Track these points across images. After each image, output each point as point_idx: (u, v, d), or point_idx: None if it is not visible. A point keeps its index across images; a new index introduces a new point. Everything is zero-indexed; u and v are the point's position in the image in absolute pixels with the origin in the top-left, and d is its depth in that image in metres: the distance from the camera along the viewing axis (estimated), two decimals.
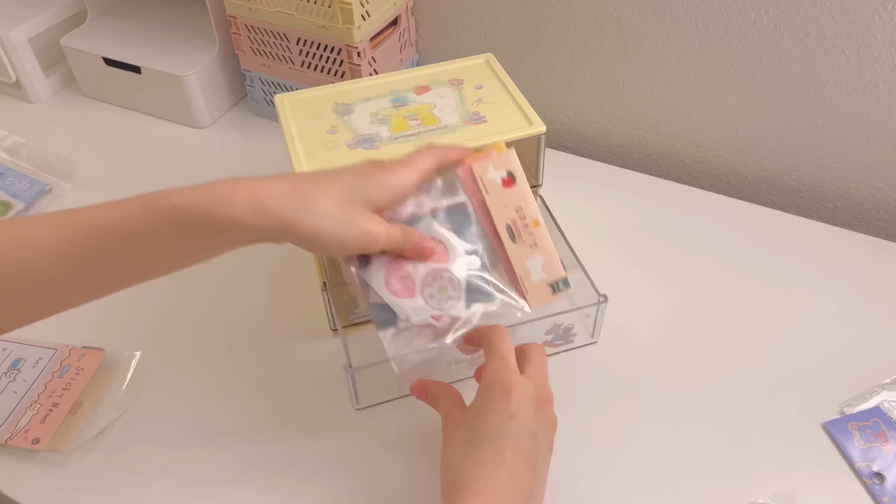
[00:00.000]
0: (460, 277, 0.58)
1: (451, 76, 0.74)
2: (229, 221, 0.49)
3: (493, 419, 0.53)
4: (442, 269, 0.58)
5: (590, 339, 0.66)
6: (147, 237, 0.50)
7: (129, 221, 0.49)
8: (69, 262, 0.49)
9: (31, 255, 0.49)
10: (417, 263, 0.58)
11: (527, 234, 0.60)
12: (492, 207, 0.60)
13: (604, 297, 0.62)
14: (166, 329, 0.78)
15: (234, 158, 1.02)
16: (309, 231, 0.50)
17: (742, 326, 0.76)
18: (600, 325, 0.65)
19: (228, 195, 0.49)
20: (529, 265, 0.59)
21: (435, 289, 0.58)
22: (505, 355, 0.56)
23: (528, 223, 0.60)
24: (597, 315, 0.64)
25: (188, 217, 0.49)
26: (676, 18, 0.87)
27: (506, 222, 0.60)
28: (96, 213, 0.50)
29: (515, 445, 0.52)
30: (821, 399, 0.69)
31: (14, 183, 0.97)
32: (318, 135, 0.68)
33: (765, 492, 0.63)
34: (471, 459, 0.52)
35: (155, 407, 0.71)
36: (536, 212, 0.60)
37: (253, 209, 0.49)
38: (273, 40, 0.97)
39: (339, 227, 0.51)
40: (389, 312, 0.57)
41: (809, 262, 0.82)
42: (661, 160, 1.01)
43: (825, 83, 0.84)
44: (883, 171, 0.87)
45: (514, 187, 0.60)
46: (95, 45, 1.07)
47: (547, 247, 0.60)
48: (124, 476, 0.66)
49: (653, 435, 0.68)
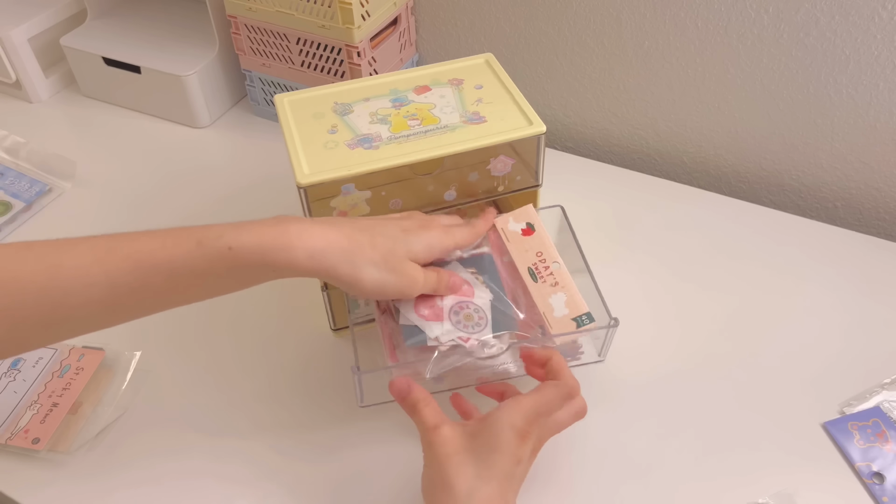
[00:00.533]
0: (486, 309, 0.63)
1: (450, 76, 0.74)
2: (287, 267, 0.53)
3: (506, 459, 0.54)
4: (468, 301, 0.63)
5: (597, 358, 0.67)
6: (198, 275, 0.52)
7: (183, 260, 0.51)
8: (116, 293, 0.51)
9: (77, 283, 0.50)
10: (445, 296, 0.63)
11: (548, 275, 0.65)
12: (513, 253, 0.67)
13: (615, 320, 0.63)
14: (166, 329, 0.78)
15: (234, 158, 1.02)
16: (356, 279, 0.55)
17: (742, 326, 0.76)
18: (609, 345, 0.66)
19: (285, 240, 0.52)
20: (552, 302, 0.64)
21: (462, 316, 0.62)
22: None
23: (548, 265, 0.66)
24: (606, 337, 0.65)
25: (245, 260, 0.52)
26: (676, 18, 0.87)
27: (527, 265, 0.66)
28: (146, 247, 0.51)
29: (515, 490, 0.55)
30: (821, 399, 0.69)
31: (14, 183, 0.97)
32: (318, 134, 0.68)
33: (765, 492, 0.63)
34: (477, 495, 0.52)
35: (154, 407, 0.72)
36: (556, 254, 0.66)
37: (310, 257, 0.53)
38: (273, 40, 0.97)
39: (382, 275, 0.56)
40: (419, 332, 0.61)
41: (809, 262, 0.82)
42: (661, 160, 1.01)
43: (825, 83, 0.84)
44: (883, 171, 0.87)
45: (534, 235, 0.68)
46: (95, 44, 1.07)
47: (568, 285, 0.65)
48: (124, 476, 0.66)
49: (653, 434, 0.68)
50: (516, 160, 0.69)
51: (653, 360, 0.74)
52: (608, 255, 0.84)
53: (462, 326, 0.62)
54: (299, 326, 0.78)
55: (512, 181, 0.71)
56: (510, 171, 0.69)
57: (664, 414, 0.69)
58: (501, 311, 0.64)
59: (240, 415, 0.70)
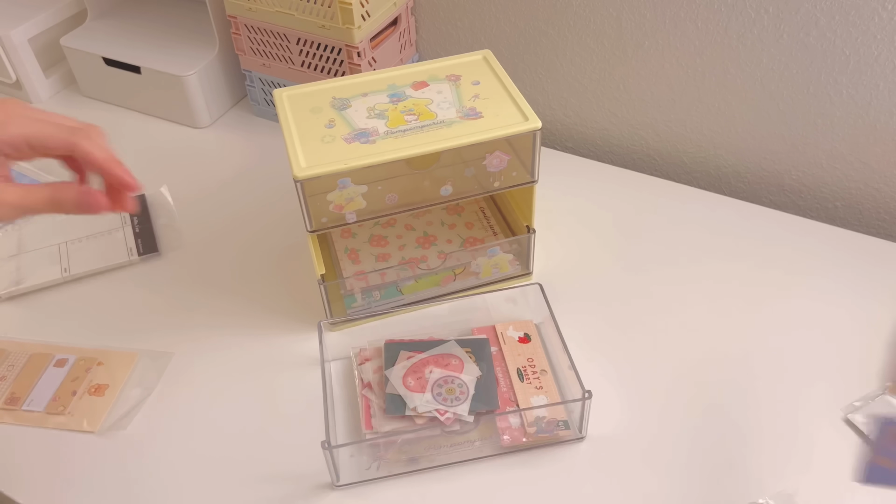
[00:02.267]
0: (470, 385, 0.68)
1: (448, 72, 0.74)
2: None
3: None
4: (454, 377, 0.68)
5: (578, 434, 0.67)
6: None
7: None
8: None
9: None
10: (434, 368, 0.69)
11: (534, 378, 0.70)
12: (506, 354, 0.72)
13: (588, 392, 0.63)
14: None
15: (234, 158, 1.02)
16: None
17: (742, 326, 0.76)
18: (587, 420, 0.65)
19: None
20: (533, 402, 0.68)
21: (444, 390, 0.67)
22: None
23: (536, 371, 0.71)
24: (582, 411, 0.64)
25: None
26: (676, 18, 0.87)
27: (517, 366, 0.71)
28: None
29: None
30: (821, 399, 0.69)
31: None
32: (316, 129, 0.68)
33: (765, 492, 0.62)
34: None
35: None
36: (546, 364, 0.72)
37: None
38: (273, 40, 0.97)
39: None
40: (400, 402, 0.66)
41: (809, 262, 0.82)
42: (661, 160, 1.01)
43: (825, 83, 0.84)
44: (883, 171, 0.87)
45: (529, 344, 0.73)
46: (95, 45, 1.07)
47: (551, 391, 0.69)
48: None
49: (653, 432, 0.67)
50: (512, 156, 0.69)
51: (651, 358, 0.73)
52: (607, 255, 0.84)
53: (441, 399, 0.66)
54: (296, 319, 0.78)
55: (508, 177, 0.71)
56: (506, 166, 0.69)
57: (662, 412, 0.69)
58: (486, 388, 0.68)
59: (240, 407, 0.71)
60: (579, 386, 0.63)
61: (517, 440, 0.65)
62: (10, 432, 0.69)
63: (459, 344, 0.71)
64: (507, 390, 0.69)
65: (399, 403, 0.66)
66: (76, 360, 0.74)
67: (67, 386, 0.72)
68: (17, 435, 0.69)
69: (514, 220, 0.82)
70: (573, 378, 0.65)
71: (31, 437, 0.69)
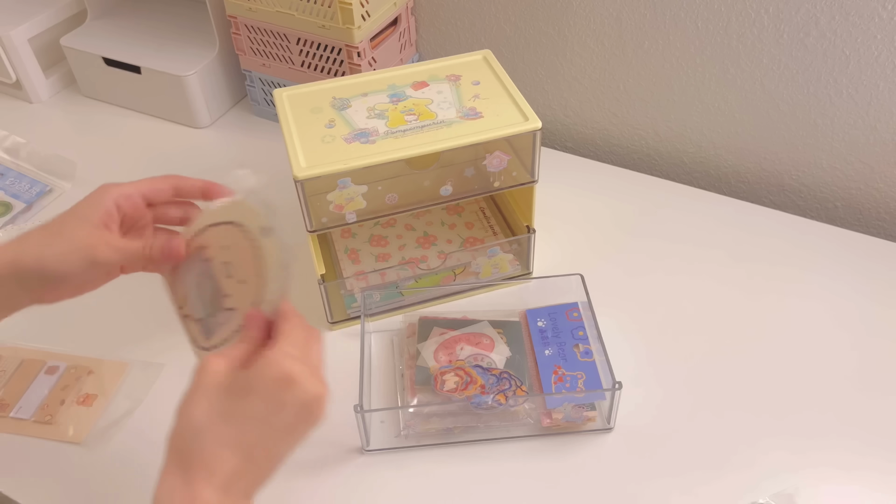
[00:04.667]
0: (499, 366, 0.69)
1: (448, 72, 0.74)
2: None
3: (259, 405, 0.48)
4: (485, 355, 0.70)
5: (606, 425, 0.67)
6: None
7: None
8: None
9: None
10: (465, 346, 0.70)
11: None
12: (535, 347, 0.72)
13: (619, 383, 0.64)
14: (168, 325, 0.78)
15: (234, 158, 1.02)
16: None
17: (742, 326, 0.76)
18: (616, 411, 0.66)
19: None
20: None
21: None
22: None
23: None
24: (612, 401, 0.65)
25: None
26: (676, 18, 0.87)
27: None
28: None
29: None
30: (821, 399, 0.69)
31: (14, 183, 0.97)
32: (316, 129, 0.68)
33: (765, 492, 0.62)
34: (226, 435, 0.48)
35: (169, 399, 0.71)
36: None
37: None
38: (273, 40, 0.97)
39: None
40: (427, 374, 0.68)
41: (809, 262, 0.82)
42: (661, 160, 1.01)
43: (825, 83, 0.84)
44: (883, 171, 0.87)
45: None
46: (95, 45, 1.07)
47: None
48: (137, 467, 0.66)
49: (653, 432, 0.67)
50: (512, 156, 0.69)
51: (651, 358, 0.73)
52: (608, 255, 0.84)
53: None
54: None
55: (508, 177, 0.71)
56: (506, 166, 0.69)
57: (662, 412, 0.69)
58: (515, 369, 0.69)
59: None
60: (610, 376, 0.65)
61: (543, 424, 0.66)
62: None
63: (492, 325, 0.72)
64: (536, 375, 0.70)
65: (426, 376, 0.68)
66: (67, 368, 0.74)
67: (56, 394, 0.71)
68: (5, 442, 0.69)
69: (514, 220, 0.82)
70: (604, 367, 0.67)
71: (17, 444, 0.69)
